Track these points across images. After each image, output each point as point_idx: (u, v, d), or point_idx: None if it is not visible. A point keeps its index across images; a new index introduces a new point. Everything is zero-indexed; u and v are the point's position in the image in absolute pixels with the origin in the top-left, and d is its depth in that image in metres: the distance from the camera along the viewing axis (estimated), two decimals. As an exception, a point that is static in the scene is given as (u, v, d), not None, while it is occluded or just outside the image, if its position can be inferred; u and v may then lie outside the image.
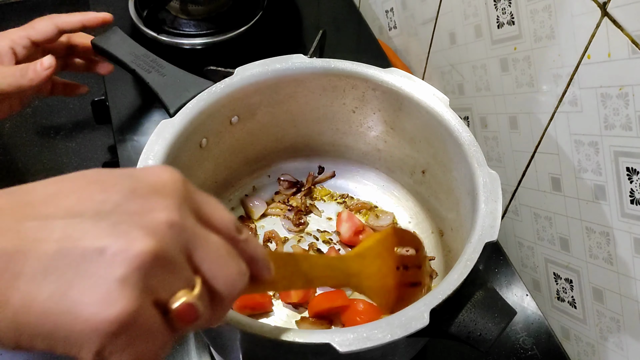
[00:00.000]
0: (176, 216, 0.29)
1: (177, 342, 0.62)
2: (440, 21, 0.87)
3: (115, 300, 0.26)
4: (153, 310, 0.28)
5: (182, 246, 0.30)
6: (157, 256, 0.28)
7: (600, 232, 0.63)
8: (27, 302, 0.26)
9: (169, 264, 0.29)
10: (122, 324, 0.27)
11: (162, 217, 0.29)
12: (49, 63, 0.65)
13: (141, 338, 0.28)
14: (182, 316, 0.29)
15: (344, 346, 0.42)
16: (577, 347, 0.70)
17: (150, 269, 0.27)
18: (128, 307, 0.27)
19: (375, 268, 0.51)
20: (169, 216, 0.29)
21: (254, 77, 0.63)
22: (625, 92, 0.55)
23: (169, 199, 0.30)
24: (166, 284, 0.29)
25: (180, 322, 0.29)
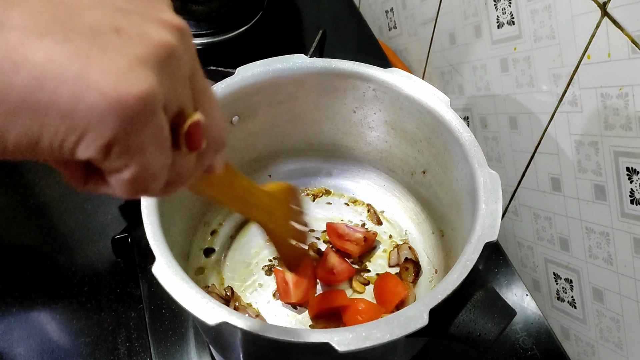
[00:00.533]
0: (183, 24, 0.26)
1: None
2: (440, 21, 0.87)
3: (138, 77, 0.22)
4: (163, 114, 0.24)
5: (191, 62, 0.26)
6: (172, 51, 0.24)
7: (600, 232, 0.63)
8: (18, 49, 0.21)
9: (180, 69, 0.25)
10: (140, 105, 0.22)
11: (172, 19, 0.25)
12: None
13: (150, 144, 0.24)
14: (193, 137, 0.26)
15: (343, 346, 0.42)
16: (577, 347, 0.70)
17: (166, 61, 0.24)
18: (148, 89, 0.22)
19: (280, 213, 0.51)
20: (177, 20, 0.26)
21: (254, 77, 0.63)
22: (625, 92, 0.55)
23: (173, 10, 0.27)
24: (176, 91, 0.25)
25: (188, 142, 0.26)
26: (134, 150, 0.23)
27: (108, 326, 0.68)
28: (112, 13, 0.23)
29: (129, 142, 0.22)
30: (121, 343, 0.66)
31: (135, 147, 0.23)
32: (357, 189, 0.76)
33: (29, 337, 0.67)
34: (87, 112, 0.21)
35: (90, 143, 0.22)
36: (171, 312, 0.67)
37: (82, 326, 0.68)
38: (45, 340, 0.66)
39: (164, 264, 0.47)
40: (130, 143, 0.22)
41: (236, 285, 0.67)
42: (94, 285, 0.71)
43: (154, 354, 0.64)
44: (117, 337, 0.67)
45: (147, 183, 0.25)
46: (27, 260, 0.73)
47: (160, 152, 0.24)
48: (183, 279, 0.46)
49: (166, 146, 0.25)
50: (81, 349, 0.66)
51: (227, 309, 0.45)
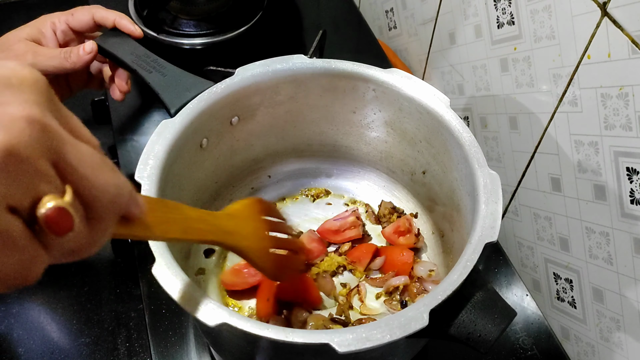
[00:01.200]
0: (36, 112, 0.25)
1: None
2: (440, 21, 0.87)
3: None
4: (9, 216, 0.24)
5: (46, 148, 0.25)
6: (8, 153, 0.24)
7: (600, 232, 0.63)
8: None
9: (25, 165, 0.24)
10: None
11: (17, 111, 0.25)
12: (91, 48, 0.66)
13: None
14: (52, 223, 0.25)
15: (343, 346, 0.42)
16: (577, 347, 0.70)
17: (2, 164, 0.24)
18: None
19: (250, 229, 0.51)
20: (26, 111, 0.25)
21: (254, 77, 0.63)
22: (625, 92, 0.55)
23: (28, 95, 0.26)
24: (24, 188, 0.25)
25: (50, 230, 0.26)
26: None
27: (108, 326, 0.68)
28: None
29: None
30: (121, 343, 0.66)
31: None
32: (357, 190, 0.76)
33: (29, 337, 0.67)
34: None
35: None
36: (171, 312, 0.67)
37: (82, 326, 0.68)
38: (45, 341, 0.66)
39: (163, 265, 0.47)
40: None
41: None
42: (94, 285, 0.71)
43: (154, 354, 0.64)
44: (117, 337, 0.67)
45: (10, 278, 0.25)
46: (27, 261, 0.73)
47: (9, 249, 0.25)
48: (183, 280, 0.46)
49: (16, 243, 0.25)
50: (81, 349, 0.66)
51: (227, 310, 0.45)
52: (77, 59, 0.66)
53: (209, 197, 0.68)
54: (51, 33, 0.69)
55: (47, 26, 0.69)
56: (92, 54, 0.67)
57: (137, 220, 0.33)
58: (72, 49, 0.67)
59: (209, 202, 0.69)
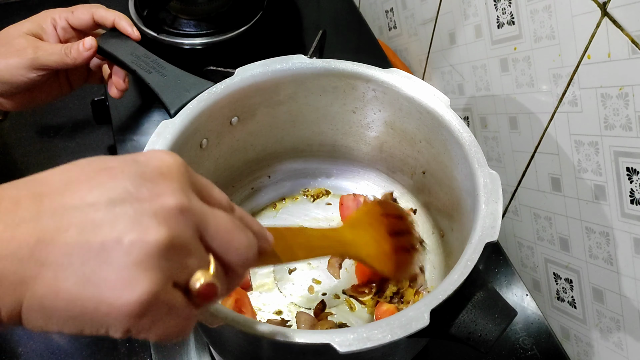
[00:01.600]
0: (185, 200, 0.31)
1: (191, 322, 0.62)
2: (440, 21, 0.87)
3: (136, 284, 0.28)
4: (173, 290, 0.30)
5: (194, 228, 0.31)
6: (171, 243, 0.29)
7: (600, 232, 0.63)
8: (53, 289, 0.28)
9: (183, 248, 0.30)
10: (143, 305, 0.28)
11: (172, 203, 0.30)
12: (90, 44, 0.67)
13: (165, 316, 0.30)
14: (203, 295, 0.31)
15: (344, 346, 0.42)
16: (577, 347, 0.70)
17: (165, 254, 0.29)
18: (148, 290, 0.28)
19: (369, 236, 0.53)
20: (178, 201, 0.30)
21: (254, 77, 0.63)
22: (625, 92, 0.55)
23: (176, 183, 0.31)
24: (183, 267, 0.30)
25: (201, 300, 0.31)
26: (147, 328, 0.30)
27: (108, 327, 0.68)
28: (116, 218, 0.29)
29: (139, 326, 0.29)
30: (121, 343, 0.66)
31: (147, 327, 0.30)
32: (357, 190, 0.76)
33: (29, 337, 0.67)
34: (105, 318, 0.28)
35: (114, 332, 0.29)
36: (171, 313, 0.67)
37: (82, 327, 0.68)
38: (45, 341, 0.66)
39: (164, 264, 0.47)
40: (141, 327, 0.29)
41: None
42: (94, 286, 0.71)
43: (154, 354, 0.64)
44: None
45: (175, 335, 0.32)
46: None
47: (175, 316, 0.30)
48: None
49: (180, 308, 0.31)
50: (81, 349, 0.66)
51: (227, 310, 0.45)
52: (77, 54, 0.66)
53: (209, 197, 0.68)
54: (52, 29, 0.69)
55: (47, 22, 0.69)
56: (91, 50, 0.67)
57: (267, 253, 0.38)
58: (72, 45, 0.67)
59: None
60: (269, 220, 0.74)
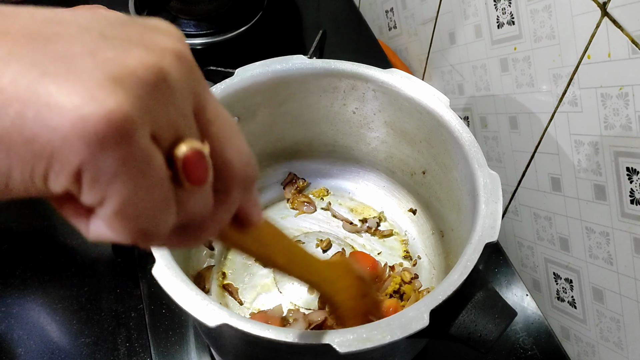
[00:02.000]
0: (186, 50, 0.24)
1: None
2: (440, 21, 0.87)
3: (106, 96, 0.20)
4: (152, 143, 0.22)
5: (191, 88, 0.24)
6: (161, 77, 0.22)
7: (600, 232, 0.63)
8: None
9: (173, 96, 0.23)
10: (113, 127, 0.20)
11: (169, 44, 0.23)
12: None
13: (140, 169, 0.21)
14: (189, 166, 0.23)
15: (344, 347, 0.42)
16: (577, 347, 0.70)
17: (152, 86, 0.22)
18: (124, 108, 0.20)
19: (345, 283, 0.48)
20: (177, 46, 0.23)
21: (254, 77, 0.63)
22: (625, 92, 0.55)
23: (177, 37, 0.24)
24: (169, 121, 0.23)
25: (186, 173, 0.23)
26: (108, 178, 0.21)
27: (108, 326, 0.68)
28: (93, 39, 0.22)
29: (99, 168, 0.20)
30: (121, 343, 0.66)
31: (109, 175, 0.20)
32: (357, 190, 0.76)
33: (29, 337, 0.67)
34: (51, 135, 0.19)
35: (59, 171, 0.20)
36: (171, 312, 0.67)
37: (82, 326, 0.68)
38: (45, 341, 0.66)
39: (163, 265, 0.47)
40: (100, 170, 0.20)
41: (236, 286, 0.67)
42: (94, 285, 0.71)
43: (154, 354, 0.64)
44: (117, 337, 0.67)
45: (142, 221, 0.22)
46: (27, 261, 0.73)
47: (146, 183, 0.22)
48: (183, 280, 0.46)
49: (155, 177, 0.22)
50: (81, 349, 0.66)
51: (227, 311, 0.45)
52: None
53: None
54: None
55: None
56: None
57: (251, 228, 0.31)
58: None
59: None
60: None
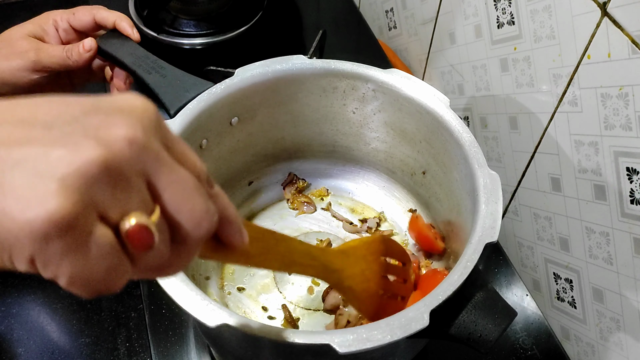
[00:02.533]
0: (139, 134, 0.27)
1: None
2: (440, 21, 0.87)
3: (51, 198, 0.24)
4: (99, 224, 0.26)
5: (141, 167, 0.27)
6: (106, 167, 0.25)
7: (600, 232, 0.63)
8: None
9: (120, 180, 0.26)
10: (52, 224, 0.24)
11: (121, 132, 0.26)
12: (89, 46, 0.67)
13: (83, 250, 0.25)
14: (133, 238, 0.27)
15: (344, 347, 0.42)
16: (577, 347, 0.70)
17: (97, 178, 0.25)
18: (64, 208, 0.24)
19: (358, 269, 0.50)
20: (130, 132, 0.26)
21: (254, 77, 0.63)
22: (625, 92, 0.55)
23: (135, 120, 0.27)
24: (116, 201, 0.26)
25: (131, 245, 0.27)
26: (56, 262, 0.25)
27: (108, 326, 0.68)
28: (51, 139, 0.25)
29: (46, 256, 0.24)
30: (121, 343, 0.66)
31: (56, 259, 0.25)
32: (357, 190, 0.76)
33: (29, 337, 0.67)
34: (7, 235, 0.24)
35: (17, 259, 0.25)
36: (171, 312, 0.67)
37: (82, 326, 0.68)
38: (45, 341, 0.66)
39: (164, 265, 0.47)
40: (48, 257, 0.24)
41: (236, 286, 0.67)
42: (94, 286, 0.71)
43: (154, 354, 0.64)
44: (117, 337, 0.67)
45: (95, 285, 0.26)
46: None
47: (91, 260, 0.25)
48: (183, 281, 0.46)
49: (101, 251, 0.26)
50: (81, 349, 0.66)
51: (227, 311, 0.45)
52: (79, 57, 0.67)
53: (209, 197, 0.68)
54: (53, 30, 0.69)
55: (49, 23, 0.69)
56: (91, 51, 0.67)
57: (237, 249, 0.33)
58: (73, 47, 0.67)
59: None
60: (268, 221, 0.74)
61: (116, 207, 0.26)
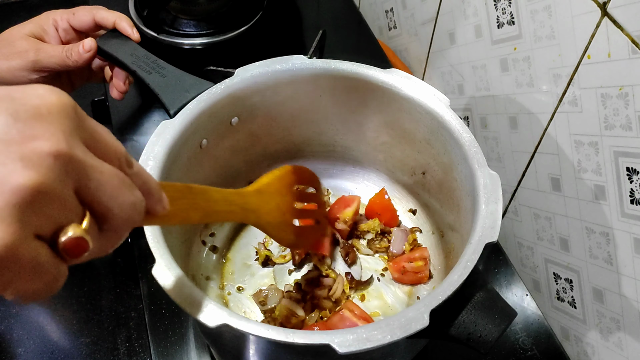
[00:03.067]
0: (63, 146, 0.27)
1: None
2: (440, 21, 0.87)
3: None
4: (36, 243, 0.27)
5: (69, 179, 0.28)
6: (37, 191, 0.26)
7: (600, 232, 0.63)
8: None
9: (52, 199, 0.27)
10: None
11: (45, 147, 0.27)
12: (89, 46, 0.67)
13: (25, 272, 0.27)
14: (70, 250, 0.28)
15: (344, 347, 0.42)
16: (577, 347, 0.70)
17: (29, 204, 0.26)
18: (3, 242, 0.25)
19: (273, 204, 0.53)
20: (54, 145, 0.27)
21: (254, 77, 0.63)
22: (625, 92, 0.55)
23: (56, 125, 0.28)
24: (49, 219, 0.27)
25: (69, 255, 0.29)
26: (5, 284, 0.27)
27: (108, 326, 0.68)
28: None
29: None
30: (121, 343, 0.66)
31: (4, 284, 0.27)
32: (357, 190, 0.76)
33: (28, 337, 0.67)
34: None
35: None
36: (171, 312, 0.67)
37: (82, 326, 0.68)
38: (45, 341, 0.66)
39: (163, 265, 0.47)
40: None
41: (236, 286, 0.67)
42: (94, 285, 0.71)
43: (154, 354, 0.64)
44: (117, 337, 0.67)
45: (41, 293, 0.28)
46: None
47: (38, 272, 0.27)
48: (183, 281, 0.46)
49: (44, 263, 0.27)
50: (81, 349, 0.66)
51: (227, 311, 0.45)
52: (78, 57, 0.67)
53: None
54: (53, 30, 0.69)
55: (49, 23, 0.69)
56: (91, 51, 0.67)
57: (159, 214, 0.35)
58: (73, 47, 0.67)
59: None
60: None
61: (50, 224, 0.27)
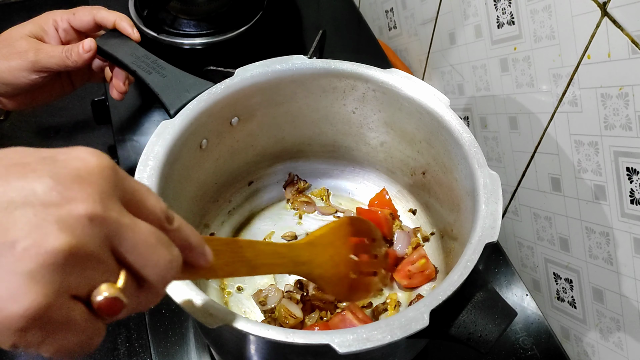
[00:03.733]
0: (98, 208, 0.28)
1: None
2: (440, 21, 0.87)
3: (23, 295, 0.26)
4: (72, 303, 0.28)
5: (104, 240, 0.29)
6: (72, 253, 0.27)
7: (600, 232, 0.63)
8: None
9: (87, 260, 0.28)
10: (29, 319, 0.26)
11: (82, 210, 0.28)
12: (89, 46, 0.67)
13: (61, 331, 0.28)
14: (105, 310, 0.29)
15: (344, 347, 0.42)
16: (577, 347, 0.70)
17: (64, 265, 0.27)
18: (36, 303, 0.26)
19: (326, 256, 0.52)
20: (89, 208, 0.28)
21: (254, 77, 0.63)
22: (625, 92, 0.55)
23: (93, 188, 0.29)
24: (85, 279, 0.28)
25: (104, 314, 0.29)
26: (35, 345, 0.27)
27: (108, 326, 0.67)
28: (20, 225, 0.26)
29: (26, 342, 0.27)
30: (121, 343, 0.66)
31: (35, 343, 0.27)
32: (357, 190, 0.76)
33: (29, 338, 0.67)
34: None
35: (3, 344, 0.27)
36: (171, 312, 0.67)
37: (82, 327, 0.68)
38: (45, 341, 0.66)
39: (164, 265, 0.47)
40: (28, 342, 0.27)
41: (236, 286, 0.67)
42: (94, 286, 0.71)
43: (154, 354, 0.64)
44: (117, 337, 0.67)
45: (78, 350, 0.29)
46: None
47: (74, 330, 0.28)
48: (183, 281, 0.46)
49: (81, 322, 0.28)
50: (81, 350, 0.66)
51: (227, 311, 0.45)
52: (78, 57, 0.67)
53: (209, 197, 0.68)
54: (53, 31, 0.69)
55: (49, 23, 0.69)
56: (90, 52, 0.67)
57: (204, 268, 0.36)
58: (73, 47, 0.67)
59: (209, 202, 0.69)
60: (268, 221, 0.74)
61: (85, 284, 0.28)
